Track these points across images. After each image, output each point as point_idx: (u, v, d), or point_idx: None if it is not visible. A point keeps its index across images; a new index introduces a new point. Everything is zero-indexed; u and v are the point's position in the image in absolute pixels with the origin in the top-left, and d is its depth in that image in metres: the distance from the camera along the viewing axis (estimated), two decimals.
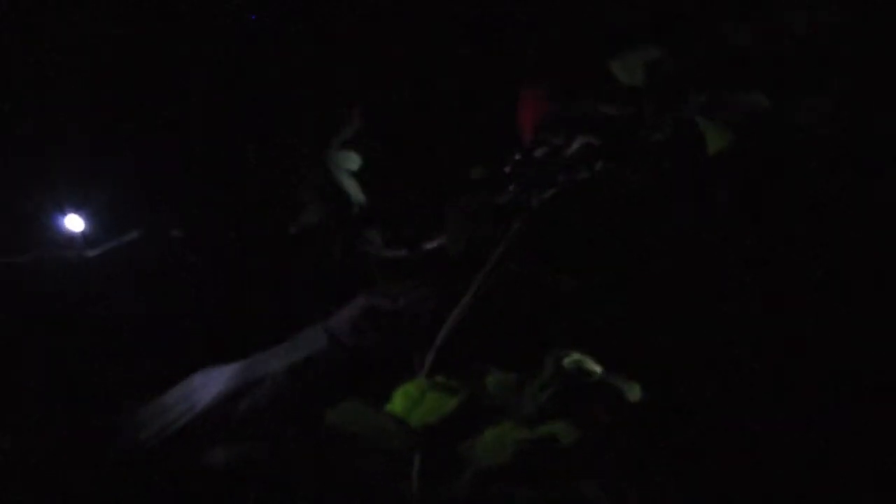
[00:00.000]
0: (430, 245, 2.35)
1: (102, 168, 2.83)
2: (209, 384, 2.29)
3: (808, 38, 2.30)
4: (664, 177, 2.28)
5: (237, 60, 2.73)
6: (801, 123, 2.27)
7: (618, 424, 2.05)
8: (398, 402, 1.95)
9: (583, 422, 2.00)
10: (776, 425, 2.20)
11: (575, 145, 2.33)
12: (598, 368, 2.06)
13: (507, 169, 2.40)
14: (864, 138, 2.29)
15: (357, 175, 2.13)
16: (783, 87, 2.27)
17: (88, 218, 2.82)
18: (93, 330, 2.69)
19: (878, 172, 2.31)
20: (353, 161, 2.10)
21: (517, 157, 2.41)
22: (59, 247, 2.80)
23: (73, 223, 2.83)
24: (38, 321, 2.70)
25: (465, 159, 2.49)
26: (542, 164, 2.37)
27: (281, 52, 2.76)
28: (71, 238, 2.82)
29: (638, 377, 2.02)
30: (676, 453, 2.17)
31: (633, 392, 2.04)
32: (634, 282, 2.28)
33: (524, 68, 2.57)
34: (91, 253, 2.80)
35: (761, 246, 2.31)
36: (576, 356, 2.07)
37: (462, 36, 2.75)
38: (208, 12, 2.74)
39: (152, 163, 2.83)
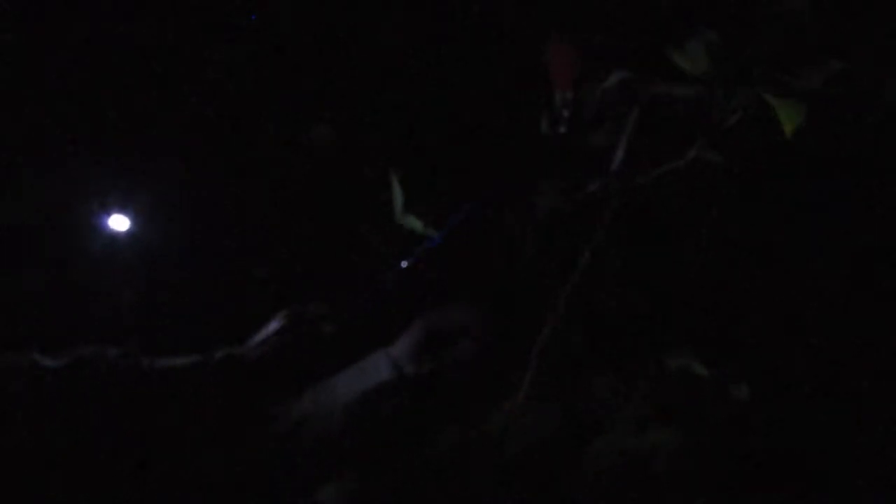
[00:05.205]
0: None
1: (147, 168, 2.76)
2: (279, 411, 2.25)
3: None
4: (745, 162, 2.19)
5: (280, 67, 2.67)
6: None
7: (724, 427, 2.01)
8: (496, 426, 1.91)
9: (688, 426, 1.97)
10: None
11: (613, 79, 2.26)
12: (704, 370, 2.03)
13: (559, 113, 2.35)
14: None
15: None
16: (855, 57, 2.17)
17: (134, 217, 2.77)
18: (153, 334, 2.64)
19: None
20: (415, 223, 2.20)
21: (561, 103, 2.36)
22: (105, 246, 2.75)
23: (119, 223, 2.77)
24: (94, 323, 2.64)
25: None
26: (587, 106, 2.32)
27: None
28: (116, 237, 2.77)
29: (743, 376, 1.99)
30: (783, 459, 2.09)
31: (741, 391, 2.02)
32: (730, 276, 2.19)
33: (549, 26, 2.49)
34: (138, 250, 2.76)
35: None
36: (681, 358, 2.04)
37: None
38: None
39: (197, 163, 2.77)
